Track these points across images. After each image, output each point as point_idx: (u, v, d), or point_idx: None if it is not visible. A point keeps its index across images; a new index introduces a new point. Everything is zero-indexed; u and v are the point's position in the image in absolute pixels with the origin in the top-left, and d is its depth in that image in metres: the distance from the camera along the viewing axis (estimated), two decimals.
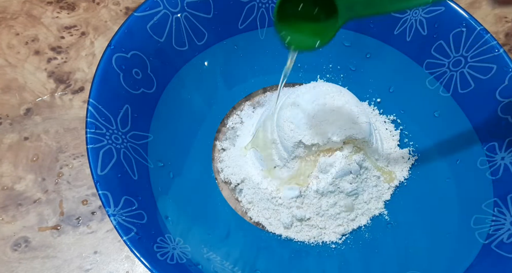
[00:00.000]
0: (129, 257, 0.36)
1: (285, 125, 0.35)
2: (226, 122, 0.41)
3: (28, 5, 0.43)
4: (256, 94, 0.42)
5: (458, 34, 0.35)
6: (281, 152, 0.36)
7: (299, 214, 0.36)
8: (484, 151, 0.34)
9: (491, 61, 0.34)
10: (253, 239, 0.37)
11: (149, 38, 0.34)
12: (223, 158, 0.40)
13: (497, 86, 0.33)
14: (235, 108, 0.42)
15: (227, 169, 0.39)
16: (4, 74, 0.40)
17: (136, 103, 0.34)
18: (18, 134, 0.39)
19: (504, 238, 0.31)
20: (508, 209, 0.32)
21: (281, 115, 0.36)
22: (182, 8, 0.35)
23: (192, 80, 0.38)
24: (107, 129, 0.32)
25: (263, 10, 0.38)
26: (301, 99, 0.35)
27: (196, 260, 0.32)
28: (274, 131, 0.36)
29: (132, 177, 0.32)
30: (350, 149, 0.35)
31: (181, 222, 0.34)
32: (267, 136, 0.37)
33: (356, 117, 0.35)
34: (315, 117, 0.35)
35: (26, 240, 0.36)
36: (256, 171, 0.38)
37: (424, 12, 0.36)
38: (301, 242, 0.37)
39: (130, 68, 0.33)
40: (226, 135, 0.41)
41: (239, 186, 0.38)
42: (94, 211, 0.37)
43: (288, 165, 0.36)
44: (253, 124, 0.41)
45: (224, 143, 0.40)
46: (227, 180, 0.39)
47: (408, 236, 0.36)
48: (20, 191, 0.37)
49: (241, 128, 0.41)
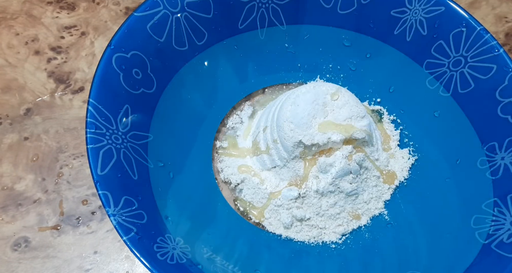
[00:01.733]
0: (129, 257, 0.36)
1: (285, 125, 0.35)
2: (226, 122, 0.41)
3: (28, 5, 0.43)
4: (256, 94, 0.42)
5: (458, 34, 0.35)
6: (281, 152, 0.36)
7: (299, 214, 0.36)
8: (484, 151, 0.34)
9: (491, 61, 0.34)
10: (253, 239, 0.37)
11: (149, 38, 0.34)
12: (223, 158, 0.40)
13: (497, 86, 0.33)
14: (235, 108, 0.42)
15: (227, 169, 0.39)
16: (4, 74, 0.40)
17: (136, 103, 0.34)
18: (18, 135, 0.39)
19: (504, 238, 0.31)
20: (508, 209, 0.32)
21: (281, 115, 0.36)
22: (182, 8, 0.35)
23: (192, 80, 0.38)
24: (107, 129, 0.32)
25: (263, 10, 0.38)
26: (301, 99, 0.35)
27: (196, 260, 0.32)
28: (274, 131, 0.36)
29: (132, 177, 0.32)
30: (350, 149, 0.35)
31: (181, 222, 0.34)
32: (267, 138, 0.37)
33: (356, 117, 0.35)
34: (315, 117, 0.35)
35: (26, 240, 0.36)
36: (256, 171, 0.38)
37: (424, 12, 0.36)
38: (301, 242, 0.37)
39: (130, 68, 0.33)
40: (226, 135, 0.41)
41: (239, 186, 0.38)
42: (94, 211, 0.37)
43: (288, 165, 0.36)
44: (253, 124, 0.41)
45: (224, 143, 0.40)
46: (227, 180, 0.39)
47: (408, 236, 0.36)
48: (20, 191, 0.37)
49: (241, 128, 0.41)
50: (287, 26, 0.40)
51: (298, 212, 0.36)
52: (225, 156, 0.40)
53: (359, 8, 0.38)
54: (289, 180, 0.37)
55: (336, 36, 0.40)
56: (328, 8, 0.39)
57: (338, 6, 0.38)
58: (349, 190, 0.36)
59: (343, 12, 0.39)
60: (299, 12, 0.39)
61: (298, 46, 0.42)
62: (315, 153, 0.36)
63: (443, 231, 0.35)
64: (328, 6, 0.38)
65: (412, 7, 0.36)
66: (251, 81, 0.42)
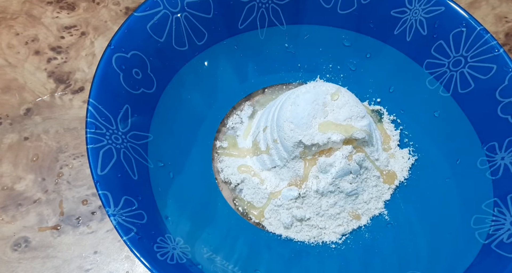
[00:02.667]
0: (129, 257, 0.36)
1: (285, 125, 0.35)
2: (226, 122, 0.41)
3: (28, 5, 0.43)
4: (256, 94, 0.42)
5: (458, 34, 0.35)
6: (281, 152, 0.36)
7: (299, 214, 0.36)
8: (484, 151, 0.34)
9: (491, 61, 0.34)
10: (253, 239, 0.37)
11: (149, 38, 0.34)
12: (223, 158, 0.40)
13: (497, 86, 0.33)
14: (235, 108, 0.42)
15: (227, 169, 0.39)
16: (4, 74, 0.40)
17: (136, 103, 0.34)
18: (18, 134, 0.39)
19: (504, 238, 0.31)
20: (508, 209, 0.32)
21: (281, 115, 0.36)
22: (182, 8, 0.35)
23: (192, 80, 0.38)
24: (107, 129, 0.32)
25: (263, 10, 0.38)
26: (301, 99, 0.35)
27: (196, 260, 0.32)
28: (274, 131, 0.36)
29: (132, 177, 0.32)
30: (350, 149, 0.35)
31: (181, 222, 0.34)
32: (267, 138, 0.37)
33: (356, 117, 0.35)
34: (315, 117, 0.35)
35: (26, 240, 0.36)
36: (256, 171, 0.38)
37: (424, 12, 0.36)
38: (301, 242, 0.37)
39: (130, 68, 0.33)
40: (226, 135, 0.41)
41: (239, 186, 0.38)
42: (94, 211, 0.37)
43: (288, 165, 0.36)
44: (253, 124, 0.41)
45: (224, 143, 0.40)
46: (227, 180, 0.39)
47: (408, 236, 0.36)
48: (20, 191, 0.37)
49: (241, 128, 0.41)
50: (287, 26, 0.40)
51: (298, 212, 0.36)
52: (225, 156, 0.40)
53: (359, 8, 0.38)
54: (289, 179, 0.37)
55: (336, 36, 0.40)
56: (328, 8, 0.39)
57: (338, 6, 0.38)
58: (349, 190, 0.36)
59: (343, 12, 0.39)
60: (299, 12, 0.39)
61: (298, 46, 0.42)
62: (315, 152, 0.36)
63: (443, 231, 0.35)
64: (328, 6, 0.38)
65: (412, 7, 0.36)
66: (251, 81, 0.42)
